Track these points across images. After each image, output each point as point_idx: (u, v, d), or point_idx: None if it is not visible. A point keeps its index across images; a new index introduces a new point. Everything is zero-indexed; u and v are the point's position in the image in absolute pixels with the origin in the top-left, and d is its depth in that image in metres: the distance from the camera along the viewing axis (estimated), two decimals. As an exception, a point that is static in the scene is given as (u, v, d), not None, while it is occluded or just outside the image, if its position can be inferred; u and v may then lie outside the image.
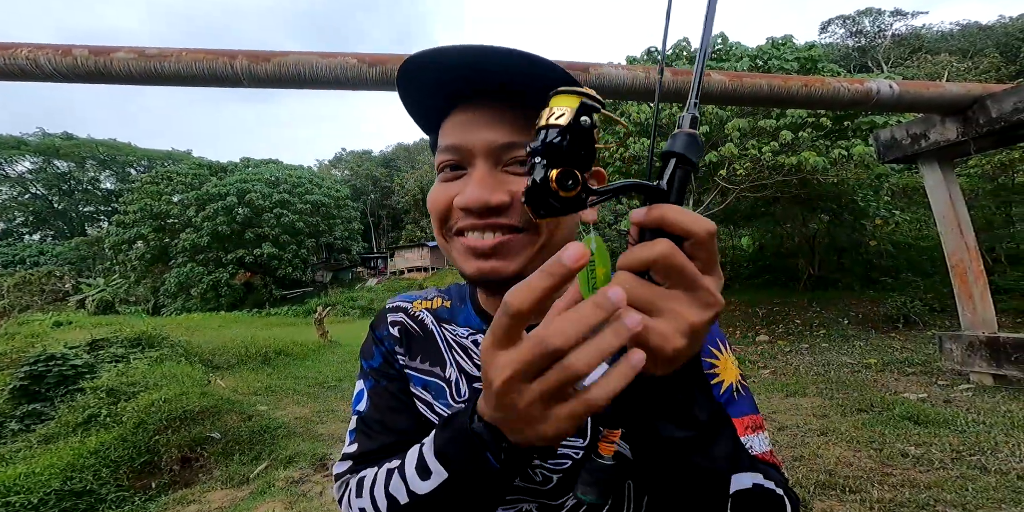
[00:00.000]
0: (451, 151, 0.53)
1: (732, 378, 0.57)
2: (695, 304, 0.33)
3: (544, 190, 0.35)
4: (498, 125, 0.51)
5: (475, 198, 0.49)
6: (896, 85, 4.09)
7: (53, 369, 5.45)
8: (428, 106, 0.56)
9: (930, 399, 4.61)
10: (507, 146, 0.51)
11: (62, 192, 41.45)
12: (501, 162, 0.52)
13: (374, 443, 0.61)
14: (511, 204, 0.51)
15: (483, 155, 0.51)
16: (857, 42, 32.91)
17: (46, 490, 3.16)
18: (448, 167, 0.54)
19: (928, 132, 5.04)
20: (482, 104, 0.52)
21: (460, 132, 0.52)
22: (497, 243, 0.51)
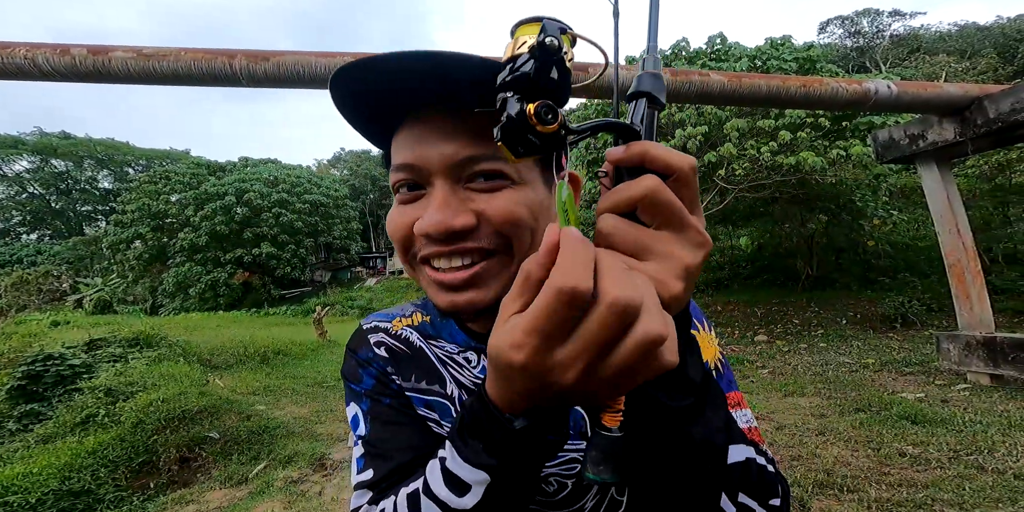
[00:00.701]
0: (405, 170, 0.48)
1: (710, 356, 0.55)
2: (687, 244, 0.32)
3: (521, 125, 0.33)
4: (453, 137, 0.46)
5: (436, 223, 0.45)
6: (894, 86, 4.10)
7: (51, 369, 5.44)
8: (372, 124, 0.51)
9: (927, 399, 4.62)
10: (467, 160, 0.46)
11: (60, 191, 41.34)
12: (462, 178, 0.47)
13: (390, 463, 0.54)
14: (477, 226, 0.46)
15: (441, 173, 0.47)
16: (855, 42, 32.99)
17: (44, 490, 3.16)
18: (404, 187, 0.49)
19: (926, 132, 5.06)
20: (432, 115, 0.47)
21: (413, 148, 0.47)
22: (469, 276, 0.46)
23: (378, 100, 0.47)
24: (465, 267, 0.47)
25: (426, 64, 0.43)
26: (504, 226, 0.47)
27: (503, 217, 0.46)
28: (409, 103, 0.48)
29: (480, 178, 0.47)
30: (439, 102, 0.47)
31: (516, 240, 0.47)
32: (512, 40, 0.36)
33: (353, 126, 0.52)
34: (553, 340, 0.28)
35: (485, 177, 0.47)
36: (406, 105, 0.48)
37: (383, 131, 0.52)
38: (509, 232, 0.47)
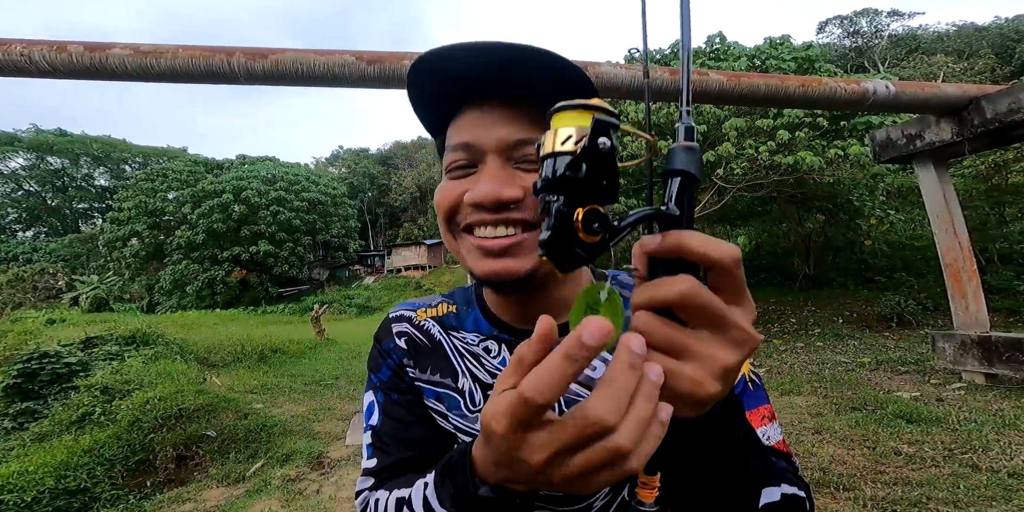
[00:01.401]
0: (462, 149, 0.53)
1: (744, 369, 0.57)
2: (726, 344, 0.31)
3: (568, 238, 0.30)
4: (509, 122, 0.51)
5: (487, 193, 0.49)
6: (892, 85, 4.11)
7: (46, 367, 5.42)
8: (436, 107, 0.56)
9: (923, 398, 4.65)
10: (519, 143, 0.51)
11: (56, 189, 41.09)
12: (512, 159, 0.52)
13: (391, 458, 0.59)
14: (523, 199, 0.50)
15: (495, 152, 0.51)
16: (854, 42, 33.02)
17: (40, 488, 3.15)
18: (458, 167, 0.54)
19: (923, 132, 5.07)
20: (491, 102, 0.52)
21: (470, 130, 0.52)
22: (510, 243, 0.50)
23: (452, 85, 0.51)
24: (508, 236, 0.50)
25: (506, 54, 0.47)
26: None
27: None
28: (478, 89, 0.51)
29: (528, 162, 0.51)
30: (502, 91, 0.51)
31: None
32: (552, 130, 0.33)
33: (418, 110, 0.57)
34: (528, 426, 0.30)
35: (532, 162, 0.51)
36: (476, 91, 0.52)
37: (443, 118, 0.56)
38: None
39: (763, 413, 0.54)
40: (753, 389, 0.56)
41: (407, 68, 2.83)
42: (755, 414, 0.54)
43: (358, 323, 15.90)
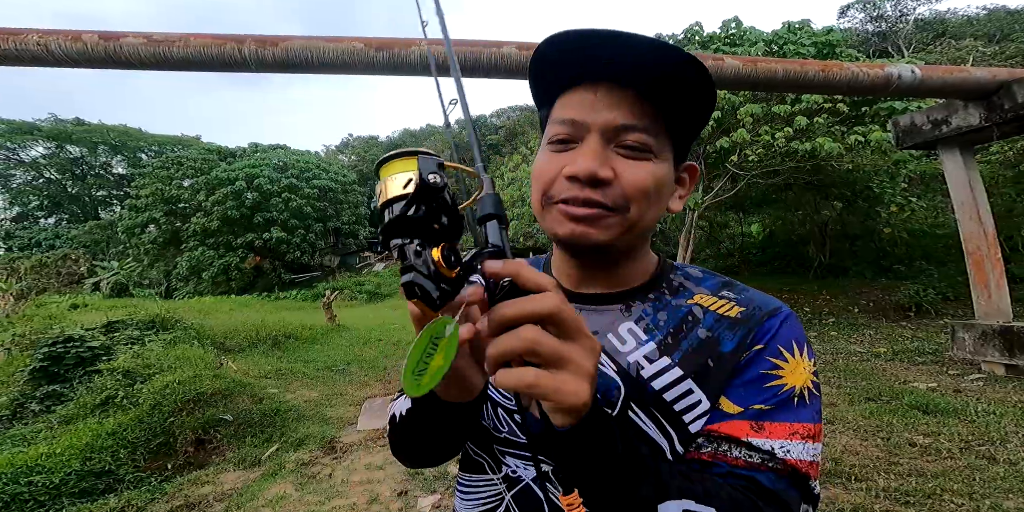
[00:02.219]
0: (568, 124, 0.57)
1: (799, 382, 0.55)
2: (585, 352, 0.36)
3: (432, 275, 0.33)
4: (617, 107, 0.55)
5: (586, 169, 0.53)
6: (918, 70, 3.95)
7: (71, 351, 5.58)
8: (552, 81, 0.59)
9: (940, 389, 4.58)
10: (622, 128, 0.55)
11: (75, 177, 41.80)
12: (613, 142, 0.56)
13: None
14: (612, 182, 0.54)
15: (599, 132, 0.55)
16: (877, 27, 31.65)
17: (67, 470, 3.26)
18: (559, 140, 0.58)
19: (950, 118, 4.90)
20: (605, 85, 0.55)
21: (581, 109, 0.56)
22: (594, 214, 0.55)
23: (575, 64, 0.55)
24: (593, 209, 0.55)
25: (641, 47, 0.52)
26: (633, 192, 0.55)
27: (635, 185, 0.55)
28: (600, 72, 0.55)
29: (626, 147, 0.55)
30: (621, 77, 0.54)
31: (635, 206, 0.56)
32: (382, 181, 0.36)
33: (538, 80, 0.61)
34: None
35: (631, 147, 0.55)
36: (594, 73, 0.55)
37: (554, 91, 0.60)
38: (633, 198, 0.55)
39: (796, 429, 0.52)
40: (798, 405, 0.54)
41: (415, 54, 2.80)
42: (785, 427, 0.52)
43: (368, 309, 16.08)
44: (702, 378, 0.56)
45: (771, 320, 0.59)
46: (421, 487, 3.19)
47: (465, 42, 3.40)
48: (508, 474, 0.61)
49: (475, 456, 0.65)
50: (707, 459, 0.52)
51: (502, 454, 0.62)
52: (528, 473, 0.60)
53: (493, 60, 3.39)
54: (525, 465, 0.60)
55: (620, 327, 0.61)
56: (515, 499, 0.60)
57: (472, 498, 0.64)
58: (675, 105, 0.55)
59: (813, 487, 0.52)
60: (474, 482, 0.65)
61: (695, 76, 0.53)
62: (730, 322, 0.59)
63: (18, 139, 37.39)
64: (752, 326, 0.58)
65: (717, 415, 0.54)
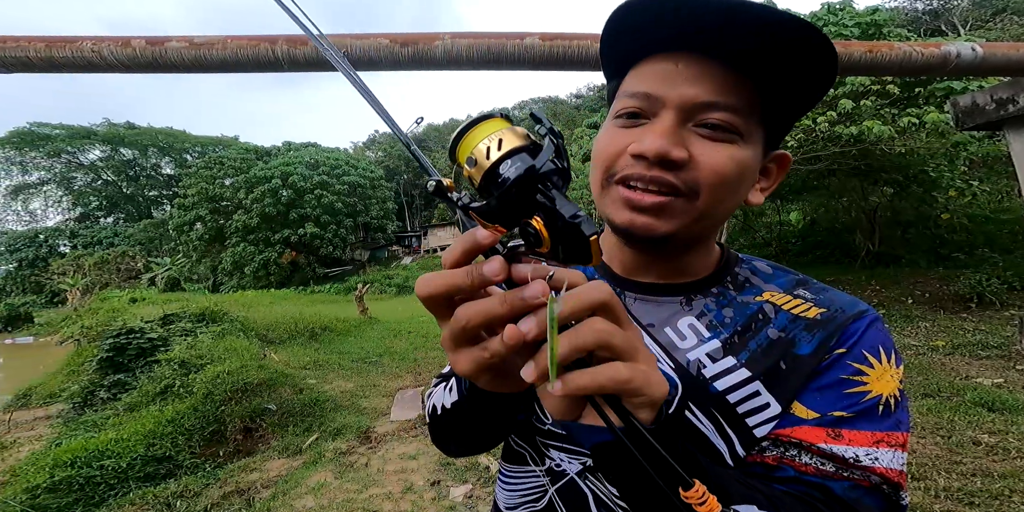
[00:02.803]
0: (641, 98, 0.51)
1: (885, 391, 0.51)
2: (643, 340, 0.36)
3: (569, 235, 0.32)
4: (701, 81, 0.48)
5: (657, 147, 0.47)
6: (979, 47, 3.63)
7: (133, 341, 5.97)
8: (626, 48, 0.53)
9: (1007, 384, 4.28)
10: (704, 105, 0.48)
11: (129, 178, 44.43)
12: (692, 120, 0.49)
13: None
14: (686, 164, 0.48)
15: (676, 108, 0.49)
16: (928, 4, 29.15)
17: (133, 455, 3.50)
18: (626, 114, 0.52)
19: (1017, 96, 4.51)
20: (686, 55, 0.48)
21: (657, 81, 0.50)
22: (658, 202, 0.49)
23: (653, 29, 0.49)
24: (658, 194, 0.49)
25: (721, 3, 0.44)
26: (709, 177, 0.49)
27: (713, 169, 0.49)
28: (679, 38, 0.48)
29: (707, 126, 0.49)
30: (703, 44, 0.47)
31: (709, 193, 0.49)
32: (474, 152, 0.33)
33: (610, 47, 0.54)
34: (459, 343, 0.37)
35: (713, 127, 0.49)
36: (676, 39, 0.48)
37: (627, 61, 0.54)
38: (709, 183, 0.49)
39: (881, 437, 0.49)
40: (883, 413, 0.50)
41: (439, 49, 2.77)
42: (867, 436, 0.49)
43: (398, 302, 16.42)
44: (772, 381, 0.52)
45: (856, 323, 0.54)
46: (453, 477, 3.24)
47: (489, 34, 3.36)
48: (552, 467, 0.59)
49: (516, 447, 0.63)
50: (771, 462, 0.49)
51: (546, 447, 0.59)
52: (572, 467, 0.57)
53: (517, 52, 3.34)
54: (570, 459, 0.57)
55: (680, 322, 0.57)
56: (559, 493, 0.58)
57: (514, 489, 0.63)
58: (778, 82, 0.48)
59: (903, 497, 0.48)
60: (516, 473, 0.63)
61: (810, 49, 0.44)
62: (807, 323, 0.55)
63: (77, 143, 40.00)
64: (834, 329, 0.54)
65: (788, 420, 0.51)
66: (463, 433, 0.57)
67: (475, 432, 0.57)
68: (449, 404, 0.56)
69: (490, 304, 0.34)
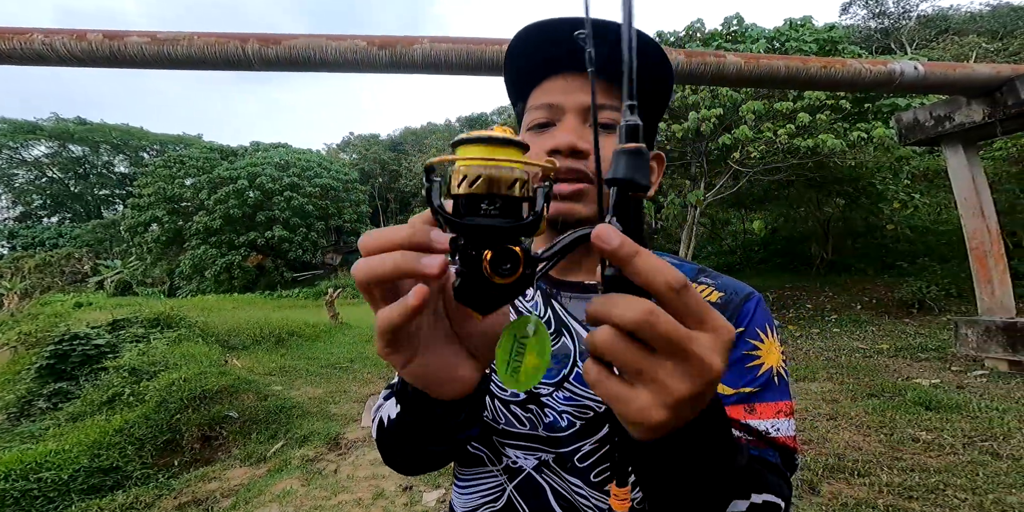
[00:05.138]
0: (545, 108, 0.62)
1: (774, 363, 0.60)
2: (684, 374, 0.29)
3: (478, 282, 0.29)
4: (585, 90, 0.60)
5: (567, 142, 0.58)
6: (921, 66, 3.94)
7: (77, 348, 5.62)
8: (526, 75, 0.65)
9: (943, 385, 4.59)
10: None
11: (78, 176, 41.90)
12: (587, 121, 0.61)
13: None
14: (590, 154, 0.59)
15: (574, 112, 0.61)
16: (880, 23, 31.40)
17: (75, 467, 3.29)
18: (538, 125, 0.63)
19: (953, 114, 4.88)
20: (573, 73, 0.62)
21: (555, 94, 0.62)
22: (575, 190, 0.59)
23: (542, 58, 0.62)
24: (575, 181, 0.60)
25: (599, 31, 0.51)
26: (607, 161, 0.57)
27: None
28: (563, 62, 0.61)
29: (601, 126, 0.60)
30: (581, 65, 0.55)
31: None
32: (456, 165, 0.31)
33: (511, 78, 0.68)
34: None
35: (605, 126, 0.60)
36: (562, 64, 0.61)
37: (527, 86, 0.66)
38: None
39: (781, 408, 0.58)
40: (778, 384, 0.59)
41: (417, 53, 2.81)
42: (771, 407, 0.57)
43: (371, 308, 16.08)
44: None
45: (747, 304, 0.63)
46: (425, 482, 3.21)
47: (468, 39, 3.40)
48: (508, 465, 0.61)
49: (473, 450, 0.64)
50: None
51: (502, 445, 0.62)
52: (528, 463, 0.60)
53: (496, 58, 3.39)
54: (526, 455, 0.61)
55: None
56: (517, 489, 0.61)
57: (471, 492, 0.64)
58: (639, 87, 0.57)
59: (797, 459, 0.57)
60: (473, 475, 0.64)
61: (654, 61, 0.58)
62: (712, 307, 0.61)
63: (20, 138, 37.48)
64: (732, 310, 0.62)
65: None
66: (407, 448, 0.53)
67: (417, 448, 0.51)
68: (394, 415, 0.52)
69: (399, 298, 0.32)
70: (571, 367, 0.61)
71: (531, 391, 0.61)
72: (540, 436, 0.60)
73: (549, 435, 0.60)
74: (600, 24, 0.54)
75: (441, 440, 0.49)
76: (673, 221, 11.81)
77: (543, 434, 0.60)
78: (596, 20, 0.54)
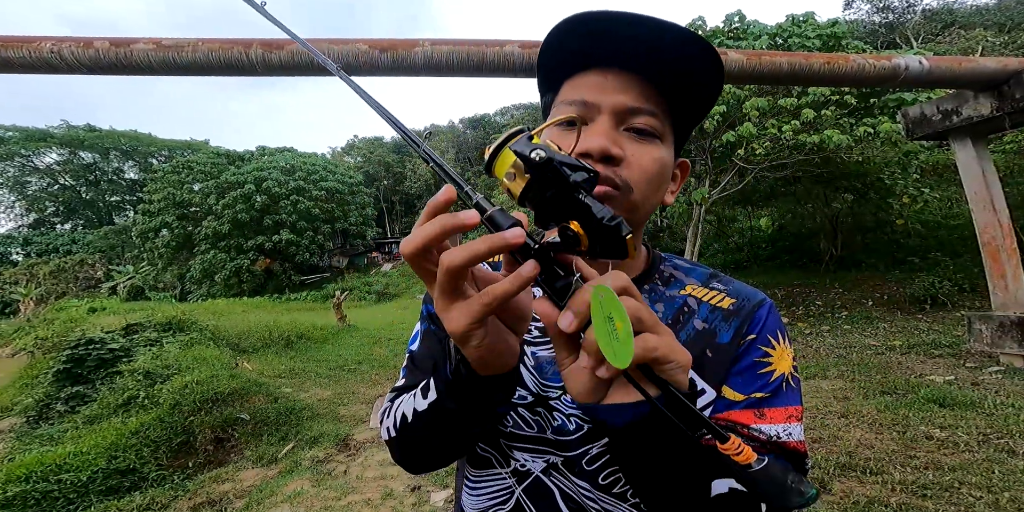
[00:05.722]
0: (579, 105, 0.57)
1: (785, 369, 0.59)
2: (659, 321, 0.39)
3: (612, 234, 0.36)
4: (627, 90, 0.56)
5: (600, 145, 0.54)
6: (926, 61, 3.90)
7: (92, 353, 5.72)
8: (562, 65, 0.60)
9: (957, 381, 4.52)
10: (632, 110, 0.56)
11: (89, 182, 42.54)
12: (622, 124, 0.57)
13: (416, 379, 0.65)
14: (622, 161, 0.55)
15: (609, 113, 0.56)
16: (884, 18, 31.01)
17: (93, 469, 3.35)
18: (568, 121, 0.58)
19: (960, 108, 4.83)
20: (614, 70, 0.56)
21: (591, 91, 0.57)
22: (603, 192, 0.54)
23: (584, 48, 0.57)
24: (603, 184, 0.55)
25: (638, 25, 0.52)
26: (640, 174, 0.56)
27: (643, 167, 0.56)
28: (606, 55, 0.56)
29: (635, 130, 0.57)
30: (624, 60, 0.55)
31: (640, 188, 0.56)
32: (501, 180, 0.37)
33: (545, 66, 0.62)
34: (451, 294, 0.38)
35: (639, 131, 0.57)
36: (604, 56, 0.56)
37: (562, 76, 0.61)
38: (640, 180, 0.56)
39: (791, 412, 0.57)
40: (785, 389, 0.59)
41: (419, 55, 2.82)
42: (782, 412, 0.57)
43: (377, 309, 16.20)
44: (701, 368, 0.58)
45: (760, 310, 0.62)
46: (433, 482, 3.23)
47: (468, 41, 3.42)
48: (517, 468, 0.62)
49: (482, 452, 0.64)
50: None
51: (509, 448, 0.62)
52: (537, 466, 0.61)
53: (497, 59, 3.40)
54: (534, 458, 0.61)
55: None
56: (526, 492, 0.61)
57: (482, 493, 0.64)
58: (680, 92, 0.57)
59: (807, 463, 0.57)
60: (482, 477, 0.65)
61: (704, 65, 0.54)
62: (724, 313, 0.62)
63: (32, 146, 38.10)
64: (744, 317, 0.61)
65: (722, 404, 0.57)
66: (438, 437, 0.53)
67: (452, 433, 0.52)
68: (424, 406, 0.53)
69: (472, 244, 0.35)
70: None
71: (539, 394, 0.61)
72: (548, 439, 0.60)
73: (557, 438, 0.60)
74: (640, 20, 0.52)
75: (485, 418, 0.51)
76: (679, 219, 11.74)
77: (551, 437, 0.60)
78: (638, 15, 0.52)
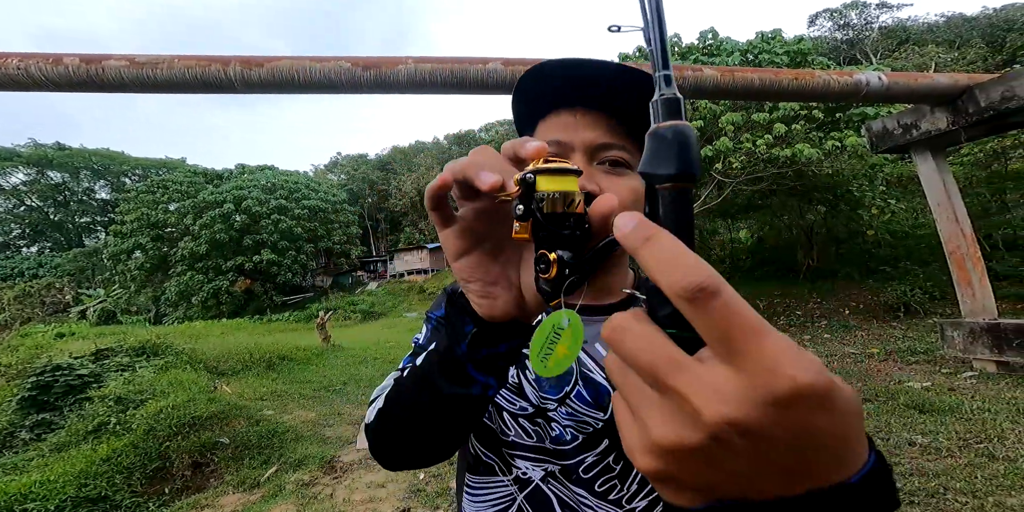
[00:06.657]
0: (553, 144, 0.60)
1: None
2: (669, 416, 0.22)
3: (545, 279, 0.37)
4: (595, 127, 0.60)
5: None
6: (885, 77, 4.12)
7: (60, 379, 5.45)
8: (534, 109, 0.65)
9: (934, 387, 4.63)
10: (602, 146, 0.60)
11: (57, 203, 41.27)
12: (595, 159, 0.61)
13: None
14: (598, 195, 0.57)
15: (581, 151, 0.60)
16: (845, 35, 32.99)
17: (62, 497, 3.17)
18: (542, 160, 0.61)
19: (919, 122, 5.08)
20: (582, 109, 0.61)
21: (562, 130, 0.61)
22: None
23: (551, 93, 0.62)
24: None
25: (607, 73, 0.58)
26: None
27: (619, 198, 0.57)
28: (575, 97, 0.61)
29: (607, 163, 0.61)
30: (593, 102, 0.60)
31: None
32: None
33: (519, 111, 0.67)
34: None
35: (612, 163, 0.61)
36: (569, 99, 0.61)
37: (535, 117, 0.65)
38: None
39: None
40: None
41: (402, 73, 2.87)
42: None
43: (363, 329, 15.91)
44: None
45: None
46: (424, 503, 3.14)
47: (451, 59, 3.49)
48: (519, 476, 0.64)
49: (485, 458, 0.66)
50: None
51: (511, 457, 0.64)
52: (536, 473, 0.63)
53: (480, 76, 3.47)
54: (534, 466, 0.63)
55: None
56: (527, 499, 0.63)
57: (483, 500, 0.66)
58: (640, 122, 0.60)
59: None
60: (484, 484, 0.66)
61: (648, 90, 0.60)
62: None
63: (-2, 166, 36.97)
64: None
65: None
66: (427, 395, 0.48)
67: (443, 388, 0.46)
68: (420, 361, 0.51)
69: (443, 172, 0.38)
70: (572, 385, 0.63)
71: (538, 406, 0.64)
72: (547, 448, 0.63)
73: (555, 448, 0.62)
74: (596, 64, 0.58)
75: (481, 368, 0.45)
76: (661, 233, 11.94)
77: (550, 447, 0.62)
78: (593, 60, 0.58)
